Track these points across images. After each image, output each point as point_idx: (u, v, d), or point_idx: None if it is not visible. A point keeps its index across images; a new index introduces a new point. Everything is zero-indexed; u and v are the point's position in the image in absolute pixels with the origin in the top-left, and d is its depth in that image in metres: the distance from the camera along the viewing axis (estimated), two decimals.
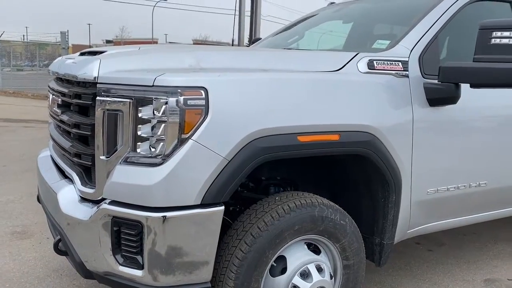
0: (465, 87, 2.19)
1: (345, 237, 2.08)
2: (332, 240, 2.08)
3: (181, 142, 1.67)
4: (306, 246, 2.08)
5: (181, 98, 1.64)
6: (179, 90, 1.65)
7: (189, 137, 1.67)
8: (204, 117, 1.67)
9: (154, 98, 1.68)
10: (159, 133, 1.68)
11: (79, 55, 2.30)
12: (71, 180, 2.00)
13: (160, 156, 1.68)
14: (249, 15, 15.76)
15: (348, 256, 2.13)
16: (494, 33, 2.05)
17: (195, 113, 1.66)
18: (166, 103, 1.65)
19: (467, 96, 2.27)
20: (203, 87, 1.68)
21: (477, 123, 2.45)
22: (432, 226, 2.55)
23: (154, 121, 1.69)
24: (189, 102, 1.65)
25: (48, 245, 3.20)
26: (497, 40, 2.04)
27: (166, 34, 70.01)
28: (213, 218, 1.74)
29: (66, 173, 2.06)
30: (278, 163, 2.19)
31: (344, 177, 2.38)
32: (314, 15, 3.64)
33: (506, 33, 2.02)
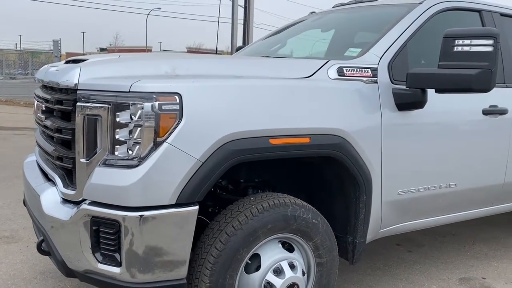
0: (431, 92, 2.32)
1: (317, 236, 2.18)
2: (305, 238, 2.17)
3: (157, 145, 1.76)
4: (280, 245, 2.17)
5: (156, 103, 1.74)
6: (154, 96, 1.75)
7: (164, 140, 1.76)
8: (178, 121, 1.77)
9: (131, 103, 1.77)
10: (135, 137, 1.78)
11: (63, 63, 2.40)
12: (54, 183, 2.08)
13: (136, 159, 1.78)
14: (242, 23, 15.95)
15: (321, 254, 2.23)
16: (457, 41, 2.18)
17: (169, 118, 1.76)
18: (142, 108, 1.75)
19: (434, 101, 2.40)
20: (177, 93, 1.78)
21: (443, 127, 2.56)
22: (404, 226, 2.66)
23: (131, 125, 1.78)
24: (163, 107, 1.75)
25: (35, 248, 3.26)
26: (459, 48, 2.17)
27: (160, 42, 70.30)
28: (187, 217, 1.83)
29: (49, 176, 2.15)
30: (256, 166, 2.30)
31: (319, 178, 2.48)
32: (295, 24, 3.76)
33: (467, 41, 2.15)
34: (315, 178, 2.50)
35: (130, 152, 1.80)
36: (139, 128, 1.77)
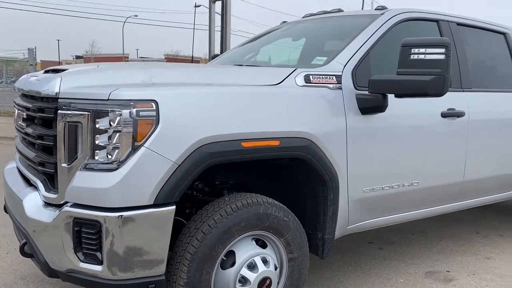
0: (392, 97, 2.50)
1: (288, 232, 2.33)
2: (277, 235, 2.31)
3: (135, 149, 1.89)
4: (254, 242, 2.31)
5: (134, 110, 1.87)
6: (132, 103, 1.87)
7: (141, 145, 1.89)
8: (155, 127, 1.90)
9: (110, 110, 1.89)
10: (114, 142, 1.89)
11: (43, 73, 2.49)
12: (35, 188, 2.18)
13: (115, 162, 1.89)
14: (220, 30, 16.10)
15: (292, 249, 2.37)
16: (413, 50, 2.37)
17: (146, 123, 1.89)
18: (121, 114, 1.87)
19: (395, 105, 2.58)
20: (154, 100, 1.91)
21: (404, 129, 2.75)
22: (371, 223, 2.83)
23: (110, 131, 1.90)
24: (141, 113, 1.88)
25: (15, 254, 3.31)
26: (415, 56, 2.36)
27: (137, 49, 69.74)
28: (165, 216, 1.96)
29: (31, 181, 2.24)
30: (231, 169, 2.44)
31: (290, 179, 2.63)
32: (268, 33, 3.93)
33: (422, 50, 2.34)
34: (286, 179, 2.65)
35: (109, 156, 1.91)
36: (118, 134, 1.88)
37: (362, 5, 43.18)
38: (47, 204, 2.05)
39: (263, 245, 2.34)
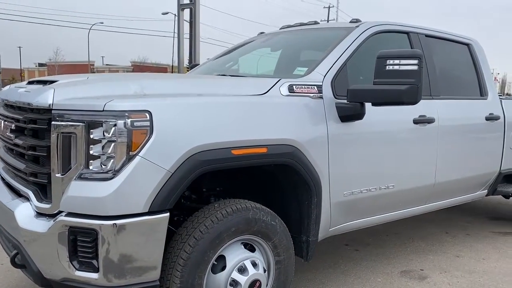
0: (369, 105, 2.65)
1: (275, 236, 2.43)
2: (264, 238, 2.41)
3: (129, 158, 1.94)
4: (243, 246, 2.39)
5: (129, 121, 1.93)
6: (127, 114, 1.93)
7: (136, 154, 1.94)
8: (149, 136, 1.96)
9: (104, 121, 1.94)
10: (109, 152, 1.94)
11: (27, 84, 2.51)
12: (25, 198, 2.19)
13: (111, 171, 1.94)
14: (188, 37, 16.13)
15: (279, 252, 2.47)
16: (388, 61, 2.53)
17: (141, 133, 1.95)
18: (115, 125, 1.92)
19: (372, 112, 2.74)
20: (148, 111, 1.97)
21: (380, 135, 2.92)
22: (351, 224, 2.97)
23: (104, 141, 1.95)
24: (135, 123, 1.94)
25: None
26: (390, 67, 2.52)
27: (103, 57, 68.60)
28: (159, 223, 2.02)
29: (21, 192, 2.24)
30: (218, 176, 2.52)
31: (276, 184, 2.73)
32: (246, 43, 4.04)
33: (397, 61, 2.51)
34: (271, 184, 2.75)
35: (103, 166, 1.96)
36: (112, 144, 1.94)
37: (327, 14, 44.13)
38: (40, 214, 2.07)
39: (251, 249, 2.42)
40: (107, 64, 65.10)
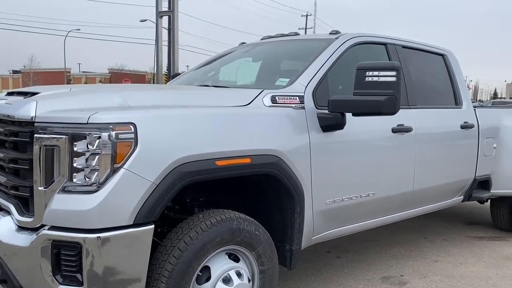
0: (349, 115, 2.72)
1: (259, 245, 2.45)
2: (249, 248, 2.42)
3: (114, 171, 1.94)
4: (227, 256, 2.40)
5: (113, 133, 1.93)
6: (111, 126, 1.93)
7: (121, 166, 1.94)
8: (133, 148, 1.96)
9: (88, 134, 1.94)
10: (93, 164, 1.93)
11: (6, 95, 2.48)
12: (6, 212, 2.15)
13: (95, 184, 1.93)
14: (167, 44, 16.08)
15: (263, 262, 2.49)
16: (367, 72, 2.60)
17: (125, 145, 1.95)
18: (99, 137, 1.92)
19: (352, 122, 2.80)
20: (132, 123, 1.98)
21: (360, 144, 2.98)
22: (334, 232, 3.02)
23: (88, 154, 1.94)
24: (120, 136, 1.94)
25: None
26: (370, 78, 2.59)
27: (79, 64, 67.49)
28: (144, 235, 2.01)
29: (1, 206, 2.21)
30: (201, 186, 2.53)
31: (259, 194, 2.76)
32: (228, 53, 4.07)
33: (376, 73, 2.57)
34: (255, 194, 2.77)
35: (88, 178, 1.95)
36: (97, 156, 1.93)
37: (305, 22, 44.66)
38: (21, 228, 2.04)
39: (235, 259, 2.44)
40: (84, 71, 64.12)
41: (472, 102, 4.52)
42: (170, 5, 15.18)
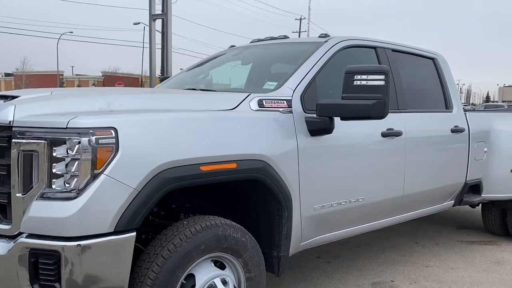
0: (338, 119, 2.68)
1: (246, 252, 2.40)
2: (235, 255, 2.37)
3: (94, 177, 1.88)
4: (213, 263, 2.35)
5: (93, 138, 1.87)
6: (91, 131, 1.88)
7: (101, 172, 1.89)
8: (114, 154, 1.91)
9: (68, 138, 1.89)
10: (73, 170, 1.88)
11: None
12: None
13: (74, 191, 1.88)
14: (160, 48, 16.04)
15: (250, 269, 2.44)
16: (356, 76, 2.56)
17: (106, 150, 1.90)
18: (79, 142, 1.87)
19: (341, 126, 2.76)
20: (113, 127, 1.92)
21: (349, 149, 2.95)
22: (322, 238, 2.97)
23: (67, 159, 1.89)
24: (100, 141, 1.89)
25: None
26: (358, 82, 2.55)
27: (72, 67, 67.18)
28: (126, 243, 1.96)
29: None
30: (187, 192, 2.48)
31: (247, 199, 2.71)
32: (217, 56, 4.03)
33: (364, 76, 2.54)
34: (242, 200, 2.73)
35: (67, 184, 1.89)
36: (76, 162, 1.88)
37: (299, 26, 44.78)
38: None
39: (221, 266, 2.39)
40: (77, 74, 63.79)
41: (465, 105, 4.52)
42: (164, 8, 15.17)
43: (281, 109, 2.63)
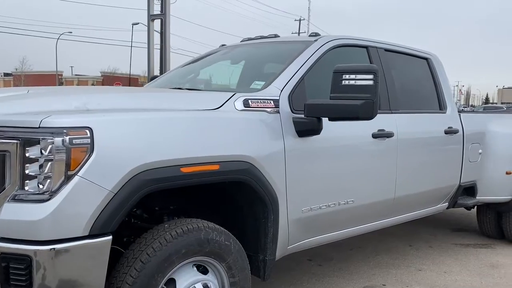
0: (327, 120, 2.61)
1: (230, 256, 2.33)
2: (218, 260, 2.30)
3: (68, 178, 1.81)
4: (195, 268, 2.28)
5: (67, 138, 1.80)
6: (65, 131, 1.81)
7: (75, 174, 1.82)
8: (89, 154, 1.84)
9: (41, 138, 1.82)
10: (46, 171, 1.81)
11: None
12: None
13: (47, 193, 1.81)
14: (159, 48, 15.99)
15: (234, 273, 2.37)
16: (344, 76, 2.49)
17: (80, 151, 1.83)
18: (53, 143, 1.80)
19: (330, 127, 2.69)
20: (88, 127, 1.85)
21: (338, 150, 2.87)
22: (311, 241, 2.90)
23: (41, 160, 1.82)
24: (74, 141, 1.82)
25: None
26: (346, 82, 2.49)
27: (72, 67, 67.02)
28: (101, 247, 1.89)
29: None
30: (171, 194, 2.41)
31: (232, 202, 2.64)
32: (207, 55, 3.96)
33: (352, 76, 2.47)
34: (228, 202, 2.66)
35: (40, 186, 1.82)
36: (49, 163, 1.81)
37: (298, 27, 44.73)
38: None
39: (204, 270, 2.32)
40: (76, 75, 63.68)
41: (465, 107, 4.45)
42: (162, 8, 15.14)
43: (268, 109, 2.56)
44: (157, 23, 15.59)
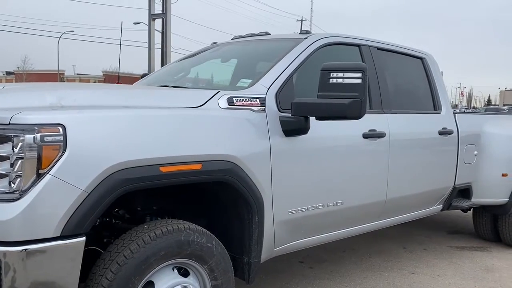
0: (313, 119, 2.54)
1: (212, 259, 2.26)
2: (200, 262, 2.23)
3: (39, 177, 1.75)
4: (176, 270, 2.21)
5: (38, 135, 1.74)
6: (36, 128, 1.74)
7: (47, 172, 1.76)
8: (62, 153, 1.78)
9: (13, 135, 1.75)
10: (16, 169, 1.75)
11: None
12: None
13: (17, 192, 1.75)
14: (160, 47, 15.94)
15: (216, 276, 2.30)
16: (332, 74, 2.42)
17: (52, 149, 1.76)
18: (23, 140, 1.73)
19: (318, 127, 2.62)
20: (61, 124, 1.79)
21: (327, 150, 2.80)
22: (298, 244, 2.83)
23: (13, 158, 1.76)
24: (46, 138, 1.75)
25: None
26: (334, 80, 2.42)
27: (74, 66, 66.99)
28: (74, 249, 1.82)
29: None
30: (154, 194, 2.34)
31: (217, 202, 2.58)
32: (198, 53, 3.90)
33: (340, 74, 2.41)
34: (213, 203, 2.59)
35: (12, 185, 1.76)
36: (20, 161, 1.75)
37: (300, 27, 44.65)
38: None
39: (185, 273, 2.25)
40: (78, 74, 63.69)
41: (466, 108, 4.37)
42: (163, 8, 15.08)
43: (254, 108, 2.49)
44: (158, 23, 15.54)
